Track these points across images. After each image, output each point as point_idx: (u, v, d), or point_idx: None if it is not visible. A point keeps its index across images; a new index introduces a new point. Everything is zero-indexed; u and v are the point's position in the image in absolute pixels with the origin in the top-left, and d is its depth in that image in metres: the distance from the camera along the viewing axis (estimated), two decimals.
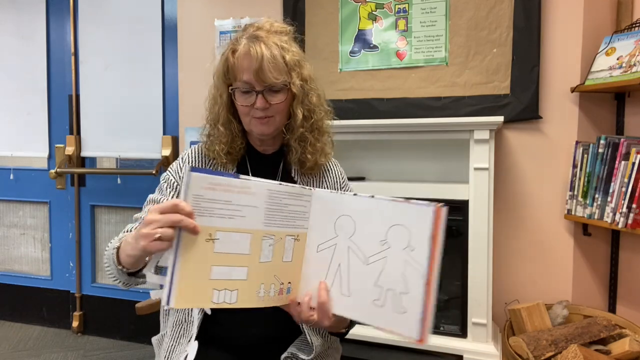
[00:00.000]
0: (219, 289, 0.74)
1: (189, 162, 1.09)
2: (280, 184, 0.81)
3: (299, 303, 0.85)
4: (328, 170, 1.14)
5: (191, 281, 0.71)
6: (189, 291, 0.71)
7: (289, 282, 0.84)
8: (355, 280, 0.79)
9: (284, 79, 0.97)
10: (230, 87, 1.01)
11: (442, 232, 0.72)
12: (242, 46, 0.97)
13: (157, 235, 0.70)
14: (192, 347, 0.94)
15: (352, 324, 0.99)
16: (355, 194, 0.83)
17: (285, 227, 0.81)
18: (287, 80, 0.98)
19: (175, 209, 0.70)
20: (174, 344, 1.02)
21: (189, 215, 0.71)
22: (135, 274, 0.87)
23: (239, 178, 0.76)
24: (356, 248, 0.80)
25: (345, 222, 0.82)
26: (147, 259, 0.79)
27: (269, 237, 0.79)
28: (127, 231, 0.97)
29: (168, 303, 0.69)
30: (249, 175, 0.81)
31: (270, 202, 0.79)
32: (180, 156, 1.12)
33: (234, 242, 0.75)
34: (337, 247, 0.82)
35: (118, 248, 0.85)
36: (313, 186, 1.09)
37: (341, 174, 1.17)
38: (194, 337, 0.98)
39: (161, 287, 0.71)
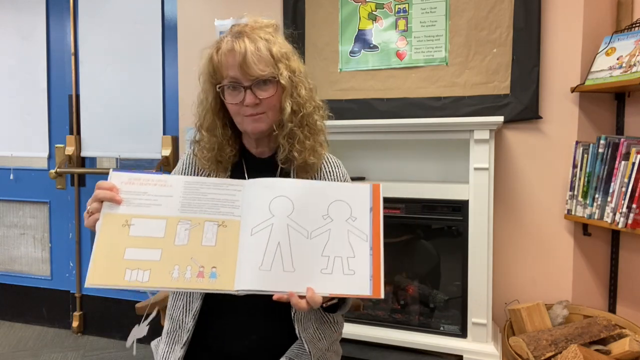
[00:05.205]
0: (132, 269, 0.83)
1: (186, 168, 1.08)
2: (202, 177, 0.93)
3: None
4: (328, 171, 1.09)
5: (104, 261, 0.83)
6: (102, 270, 0.82)
7: (213, 267, 0.85)
8: (299, 255, 0.84)
9: (270, 70, 0.94)
10: (217, 86, 0.97)
11: (381, 204, 0.88)
12: (226, 43, 0.94)
13: (89, 210, 0.85)
14: None
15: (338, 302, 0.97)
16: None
17: (205, 213, 0.88)
18: (274, 73, 0.94)
19: (97, 187, 0.85)
20: (168, 349, 1.03)
21: (110, 189, 0.85)
22: None
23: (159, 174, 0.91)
24: (296, 225, 0.87)
25: (281, 202, 0.88)
26: None
27: (184, 222, 0.87)
28: None
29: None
30: (245, 179, 0.87)
31: (186, 192, 0.89)
32: (182, 159, 1.11)
33: (148, 227, 0.86)
34: (273, 226, 0.86)
35: None
36: None
37: (343, 176, 1.11)
38: (186, 343, 0.98)
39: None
